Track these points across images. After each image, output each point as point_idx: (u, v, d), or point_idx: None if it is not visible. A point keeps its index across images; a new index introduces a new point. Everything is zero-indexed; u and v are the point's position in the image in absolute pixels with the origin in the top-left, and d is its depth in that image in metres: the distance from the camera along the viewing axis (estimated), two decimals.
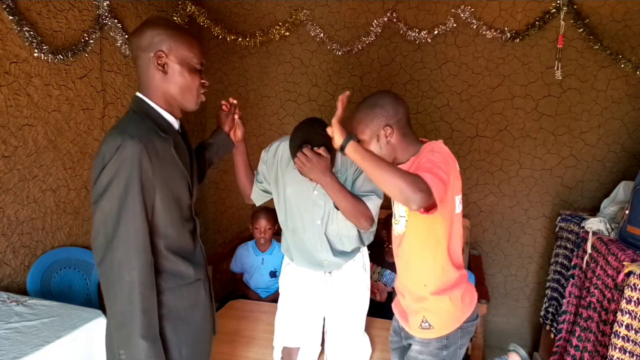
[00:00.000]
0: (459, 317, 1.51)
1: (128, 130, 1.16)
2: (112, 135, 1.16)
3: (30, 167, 2.17)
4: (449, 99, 3.04)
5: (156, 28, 1.23)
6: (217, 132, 1.70)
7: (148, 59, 1.23)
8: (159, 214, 1.22)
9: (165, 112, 1.28)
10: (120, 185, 1.13)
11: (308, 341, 2.02)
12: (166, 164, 1.22)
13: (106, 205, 1.13)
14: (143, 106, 1.26)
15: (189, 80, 1.27)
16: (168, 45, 1.23)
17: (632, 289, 1.76)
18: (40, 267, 2.20)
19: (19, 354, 1.50)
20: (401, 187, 1.17)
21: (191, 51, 1.26)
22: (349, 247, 1.88)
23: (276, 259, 2.89)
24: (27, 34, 2.06)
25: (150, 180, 1.17)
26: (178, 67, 1.25)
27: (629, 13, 2.68)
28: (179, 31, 1.26)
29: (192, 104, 1.31)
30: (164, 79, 1.25)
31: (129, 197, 1.13)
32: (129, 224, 1.14)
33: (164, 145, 1.22)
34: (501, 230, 3.10)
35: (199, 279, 1.35)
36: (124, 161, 1.13)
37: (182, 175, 1.29)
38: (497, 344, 3.11)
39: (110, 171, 1.13)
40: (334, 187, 1.62)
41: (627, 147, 2.80)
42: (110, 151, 1.13)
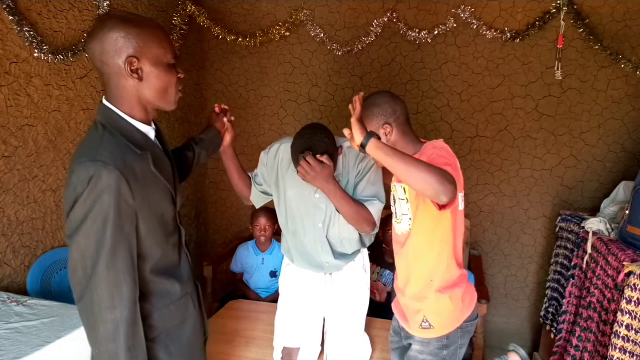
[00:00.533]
0: (459, 317, 1.51)
1: (100, 154, 1.03)
2: (82, 164, 1.03)
3: (30, 167, 2.17)
4: (449, 99, 3.04)
5: (117, 28, 1.07)
6: (208, 128, 1.68)
7: (117, 66, 1.08)
8: (143, 238, 1.13)
9: (139, 123, 1.15)
10: (97, 220, 1.02)
11: (308, 341, 2.02)
12: (146, 184, 1.11)
13: (82, 241, 1.03)
14: (113, 119, 1.12)
15: (166, 80, 1.14)
16: (137, 47, 1.07)
17: (632, 289, 1.76)
18: (41, 267, 2.20)
19: (19, 354, 1.50)
20: (431, 180, 1.14)
21: (162, 46, 1.12)
22: (349, 249, 1.88)
23: (276, 258, 2.89)
24: (27, 34, 2.06)
25: (131, 206, 1.07)
26: (153, 68, 1.11)
27: (629, 13, 2.68)
28: (144, 26, 1.10)
29: (171, 104, 1.20)
30: (139, 85, 1.11)
31: (107, 233, 1.03)
32: (109, 260, 1.04)
33: (141, 164, 1.11)
34: (501, 230, 3.10)
35: (186, 293, 1.29)
36: (99, 194, 1.01)
37: (164, 189, 1.19)
38: (497, 344, 3.11)
39: (84, 205, 1.02)
40: (337, 195, 1.62)
41: (627, 147, 2.80)
42: (82, 182, 1.01)
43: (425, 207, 1.40)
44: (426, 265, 1.50)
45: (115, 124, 1.11)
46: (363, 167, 1.73)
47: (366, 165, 1.74)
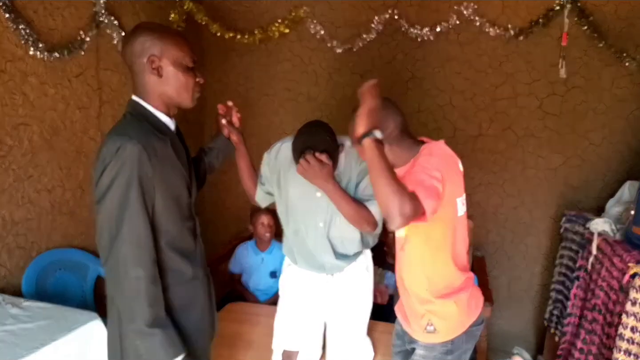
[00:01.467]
0: (464, 322, 1.49)
1: (127, 132, 1.22)
2: (111, 138, 1.22)
3: (26, 167, 2.14)
4: (451, 98, 3.01)
5: (145, 34, 1.28)
6: (216, 136, 1.74)
7: (142, 64, 1.28)
8: (160, 212, 1.26)
9: (161, 114, 1.33)
10: (122, 185, 1.18)
11: (308, 344, 1.99)
12: (165, 164, 1.27)
13: (109, 205, 1.19)
14: (139, 109, 1.31)
15: (184, 80, 1.32)
16: (159, 49, 1.27)
17: (638, 290, 1.74)
18: (36, 269, 2.18)
19: (14, 356, 1.49)
20: (388, 204, 1.18)
21: (182, 50, 1.31)
22: (351, 250, 1.86)
23: (276, 258, 2.86)
24: (22, 32, 2.03)
25: (150, 179, 1.22)
26: (172, 68, 1.29)
27: (634, 11, 2.65)
28: (168, 33, 1.32)
29: (189, 102, 1.37)
30: (159, 81, 1.29)
31: (130, 197, 1.19)
32: (132, 221, 1.19)
33: (162, 145, 1.27)
34: (505, 231, 3.07)
35: (196, 278, 1.39)
36: (124, 162, 1.18)
37: (180, 174, 1.34)
38: (501, 347, 3.08)
39: (111, 172, 1.18)
40: (336, 194, 1.63)
41: (633, 146, 2.77)
42: (110, 153, 1.19)
43: None
44: (421, 272, 1.49)
45: (141, 113, 1.31)
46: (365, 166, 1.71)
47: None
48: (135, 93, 1.32)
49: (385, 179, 1.20)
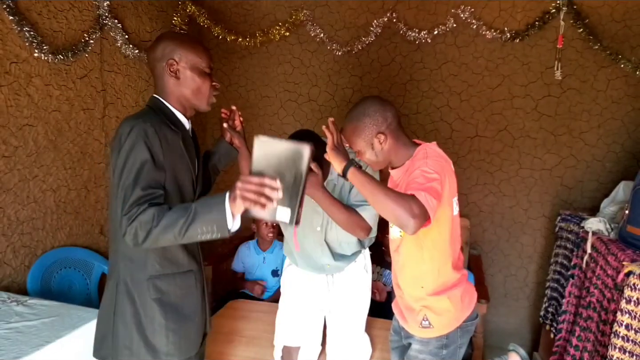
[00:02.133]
0: (458, 317, 1.51)
1: (141, 117, 1.31)
2: (127, 120, 1.30)
3: (31, 167, 2.17)
4: (448, 99, 3.04)
5: (166, 40, 1.38)
6: (219, 140, 1.74)
7: (162, 67, 1.36)
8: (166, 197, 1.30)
9: (178, 112, 1.41)
10: (137, 160, 1.24)
11: (309, 340, 2.02)
12: (174, 153, 1.34)
13: (127, 179, 1.23)
14: (158, 103, 1.39)
15: (200, 83, 1.39)
16: (179, 54, 1.36)
17: (632, 288, 1.76)
18: (41, 267, 2.20)
19: (19, 353, 1.50)
20: (397, 214, 1.20)
21: (199, 57, 1.38)
22: (349, 251, 1.88)
23: (277, 257, 2.89)
24: (27, 34, 2.06)
25: (161, 160, 1.28)
26: (189, 72, 1.37)
27: (629, 13, 2.68)
28: (187, 40, 1.40)
29: (204, 105, 1.43)
30: (177, 83, 1.37)
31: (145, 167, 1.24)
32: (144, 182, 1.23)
33: (173, 136, 1.35)
34: (501, 230, 3.10)
35: (191, 270, 1.43)
36: (138, 139, 1.25)
37: (187, 167, 1.39)
38: (497, 344, 3.11)
39: (126, 149, 1.24)
40: (326, 202, 1.62)
41: (627, 147, 2.80)
42: (125, 132, 1.26)
43: None
44: (416, 272, 1.51)
45: (158, 106, 1.39)
46: None
47: None
48: (156, 93, 1.41)
49: (382, 194, 1.23)
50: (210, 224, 1.20)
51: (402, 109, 3.12)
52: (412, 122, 3.10)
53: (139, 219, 1.19)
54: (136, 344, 1.35)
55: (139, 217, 1.20)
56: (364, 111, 1.44)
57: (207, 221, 1.20)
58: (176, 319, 1.38)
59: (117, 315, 1.35)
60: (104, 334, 1.39)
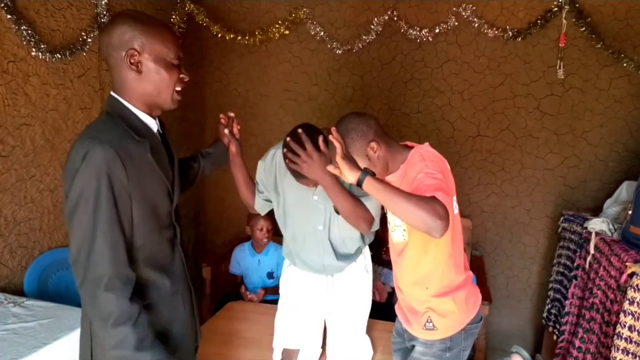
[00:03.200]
0: (463, 319, 1.50)
1: (98, 134, 1.09)
2: (80, 141, 1.09)
3: (28, 167, 2.15)
4: (450, 98, 3.02)
5: (125, 24, 1.14)
6: (215, 142, 1.70)
7: (120, 58, 1.14)
8: (136, 225, 1.14)
9: (142, 113, 1.20)
10: (92, 197, 1.06)
11: (308, 343, 2.00)
12: (142, 170, 1.15)
13: (83, 218, 1.07)
14: (117, 107, 1.18)
15: (167, 78, 1.18)
16: (140, 42, 1.14)
17: (635, 290, 1.75)
18: (38, 268, 2.19)
19: (16, 355, 1.49)
20: (423, 218, 1.13)
21: (166, 46, 1.17)
22: (352, 248, 1.86)
23: (272, 259, 2.88)
24: (24, 32, 2.04)
25: (125, 187, 1.10)
26: (153, 65, 1.16)
27: (631, 12, 2.66)
28: (151, 25, 1.17)
29: (169, 102, 1.23)
30: (139, 78, 1.16)
31: (101, 204, 1.06)
32: (106, 233, 1.07)
33: (139, 150, 1.14)
34: (503, 230, 3.09)
35: (177, 292, 1.28)
36: (94, 169, 1.05)
37: (160, 180, 1.21)
38: (499, 346, 3.09)
39: (80, 181, 1.06)
40: (335, 187, 1.54)
41: (630, 146, 2.79)
42: (79, 157, 1.06)
43: None
44: (420, 275, 1.50)
45: (119, 112, 1.17)
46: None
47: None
48: (114, 90, 1.20)
49: (403, 200, 1.16)
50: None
51: (403, 108, 3.10)
52: (413, 121, 3.08)
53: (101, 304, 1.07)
54: None
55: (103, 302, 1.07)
56: (347, 127, 1.42)
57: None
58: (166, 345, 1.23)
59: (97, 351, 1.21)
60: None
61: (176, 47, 1.20)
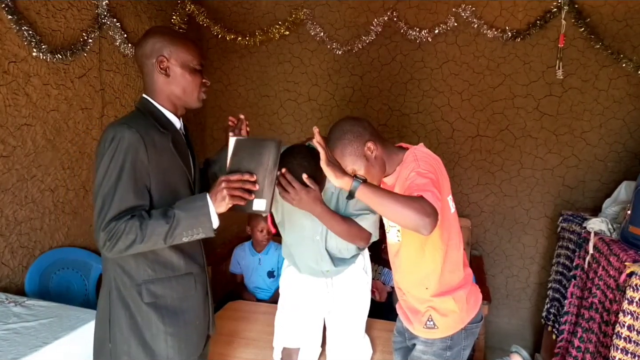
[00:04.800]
0: (463, 318, 1.51)
1: (127, 122, 1.28)
2: (112, 126, 1.28)
3: (29, 167, 2.16)
4: (449, 99, 3.03)
5: (156, 36, 1.35)
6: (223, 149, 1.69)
7: (151, 64, 1.34)
8: (156, 200, 1.29)
9: (167, 111, 1.38)
10: (117, 168, 1.22)
11: (308, 342, 2.01)
12: (163, 156, 1.31)
13: (106, 183, 1.22)
14: (147, 105, 1.37)
15: (190, 81, 1.37)
16: (168, 50, 1.34)
17: (634, 289, 1.75)
18: (39, 268, 2.19)
19: (17, 355, 1.49)
20: (411, 217, 1.16)
21: (190, 54, 1.36)
22: (348, 255, 1.87)
23: (273, 258, 2.89)
24: (25, 33, 2.05)
25: (145, 166, 1.26)
26: (179, 69, 1.35)
27: (630, 12, 2.67)
28: (178, 37, 1.38)
29: (195, 102, 1.42)
30: (167, 81, 1.35)
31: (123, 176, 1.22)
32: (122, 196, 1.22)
33: (162, 139, 1.32)
34: (502, 230, 3.09)
35: (190, 273, 1.41)
36: (119, 147, 1.23)
37: (180, 169, 1.37)
38: (499, 345, 3.10)
39: (107, 158, 1.23)
40: (326, 217, 1.59)
41: (629, 146, 2.79)
42: (108, 139, 1.24)
43: None
44: (419, 275, 1.50)
45: (147, 108, 1.37)
46: None
47: None
48: (145, 92, 1.39)
49: (392, 202, 1.18)
50: (194, 228, 1.25)
51: (402, 108, 3.11)
52: (412, 121, 3.09)
53: (118, 233, 1.20)
54: (134, 350, 1.33)
55: (119, 231, 1.20)
56: (342, 129, 1.44)
57: (191, 225, 1.25)
58: (174, 323, 1.36)
59: (113, 322, 1.33)
60: (102, 341, 1.37)
61: (199, 55, 1.39)
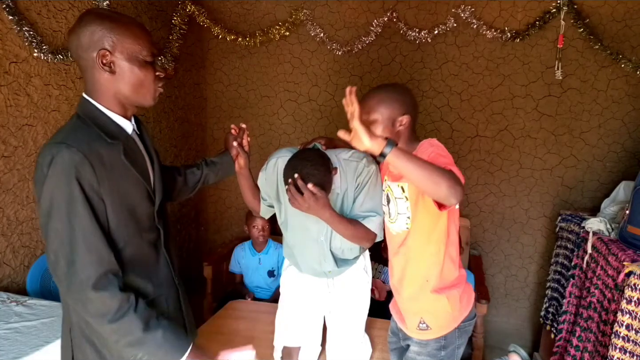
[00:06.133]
0: (456, 317, 1.51)
1: (66, 138, 1.06)
2: (47, 147, 1.06)
3: (30, 167, 2.16)
4: (449, 99, 3.04)
5: (94, 23, 1.09)
6: (224, 153, 1.68)
7: (91, 59, 1.10)
8: (114, 229, 1.11)
9: (115, 115, 1.16)
10: (64, 201, 1.03)
11: (308, 341, 2.02)
12: (114, 172, 1.11)
13: (58, 226, 1.04)
14: (89, 110, 1.14)
15: (142, 76, 1.15)
16: (111, 41, 1.09)
17: (633, 289, 1.76)
18: (40, 267, 2.20)
19: (18, 354, 1.50)
20: (443, 184, 1.15)
21: (138, 43, 1.13)
22: (351, 256, 1.88)
23: (272, 257, 2.90)
24: (26, 33, 2.06)
25: (96, 191, 1.07)
26: (126, 63, 1.12)
27: (629, 13, 2.68)
28: (121, 22, 1.12)
29: (149, 100, 1.20)
30: (112, 78, 1.12)
31: (76, 207, 1.04)
32: (87, 239, 1.04)
33: (111, 152, 1.11)
34: (501, 230, 3.10)
35: (160, 295, 1.25)
36: (62, 174, 1.02)
37: (136, 181, 1.18)
38: (498, 344, 3.11)
39: (49, 186, 1.03)
40: (334, 221, 1.58)
41: (628, 147, 2.80)
42: (45, 162, 1.03)
43: (425, 206, 1.40)
44: (422, 265, 1.50)
45: (90, 114, 1.13)
46: (362, 181, 1.69)
47: (364, 178, 1.68)
48: (86, 91, 1.16)
49: (425, 167, 1.16)
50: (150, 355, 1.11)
51: None
52: None
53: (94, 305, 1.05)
54: None
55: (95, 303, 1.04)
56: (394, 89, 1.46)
57: (156, 353, 1.10)
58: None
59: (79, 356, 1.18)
60: None
61: (149, 43, 1.16)
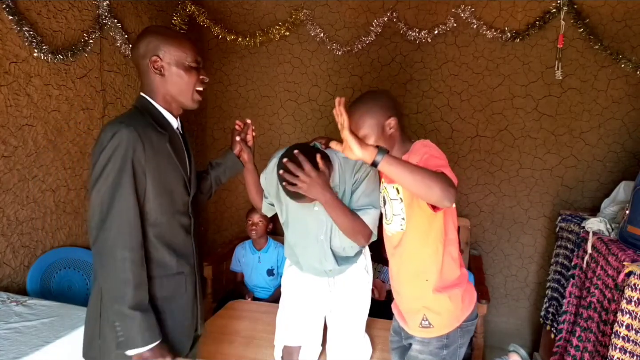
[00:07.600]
0: (458, 317, 1.51)
1: (126, 120, 1.28)
2: (110, 124, 1.28)
3: (30, 167, 2.16)
4: (449, 99, 3.04)
5: (149, 36, 1.36)
6: (227, 152, 1.74)
7: (146, 65, 1.35)
8: (150, 201, 1.30)
9: (165, 111, 1.39)
10: (115, 168, 1.23)
11: (309, 340, 2.02)
12: (160, 155, 1.32)
13: (102, 187, 1.23)
14: (144, 103, 1.38)
15: (186, 79, 1.37)
16: (162, 50, 1.34)
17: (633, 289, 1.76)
18: (40, 267, 2.20)
19: (18, 354, 1.50)
20: (436, 187, 1.18)
21: (183, 51, 1.36)
22: (352, 252, 1.88)
23: (272, 256, 2.91)
24: (26, 33, 2.06)
25: (142, 165, 1.27)
26: (174, 68, 1.36)
27: (629, 13, 2.68)
28: (171, 35, 1.38)
29: (190, 102, 1.41)
30: (163, 80, 1.36)
31: (122, 179, 1.23)
32: (121, 203, 1.23)
33: (160, 139, 1.33)
34: (501, 230, 3.10)
35: (181, 272, 1.41)
36: (119, 146, 1.23)
37: (175, 168, 1.37)
38: (498, 344, 3.11)
39: (106, 155, 1.23)
40: (334, 204, 1.54)
41: (628, 147, 2.80)
42: (107, 137, 1.24)
43: (420, 207, 1.41)
44: (420, 266, 1.50)
45: (145, 107, 1.37)
46: (360, 177, 1.69)
47: (362, 174, 1.69)
48: (142, 91, 1.39)
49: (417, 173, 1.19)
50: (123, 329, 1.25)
51: (402, 108, 3.11)
52: (412, 121, 3.09)
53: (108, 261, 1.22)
54: None
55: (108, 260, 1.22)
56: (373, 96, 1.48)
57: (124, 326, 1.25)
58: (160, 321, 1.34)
59: (103, 318, 1.33)
60: (91, 336, 1.38)
61: (193, 52, 1.38)
